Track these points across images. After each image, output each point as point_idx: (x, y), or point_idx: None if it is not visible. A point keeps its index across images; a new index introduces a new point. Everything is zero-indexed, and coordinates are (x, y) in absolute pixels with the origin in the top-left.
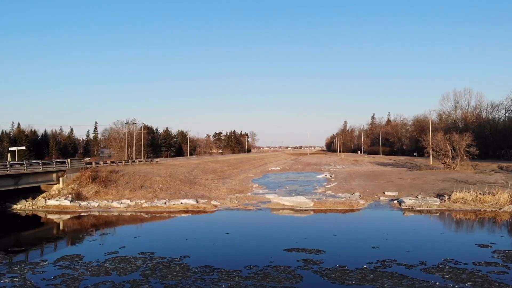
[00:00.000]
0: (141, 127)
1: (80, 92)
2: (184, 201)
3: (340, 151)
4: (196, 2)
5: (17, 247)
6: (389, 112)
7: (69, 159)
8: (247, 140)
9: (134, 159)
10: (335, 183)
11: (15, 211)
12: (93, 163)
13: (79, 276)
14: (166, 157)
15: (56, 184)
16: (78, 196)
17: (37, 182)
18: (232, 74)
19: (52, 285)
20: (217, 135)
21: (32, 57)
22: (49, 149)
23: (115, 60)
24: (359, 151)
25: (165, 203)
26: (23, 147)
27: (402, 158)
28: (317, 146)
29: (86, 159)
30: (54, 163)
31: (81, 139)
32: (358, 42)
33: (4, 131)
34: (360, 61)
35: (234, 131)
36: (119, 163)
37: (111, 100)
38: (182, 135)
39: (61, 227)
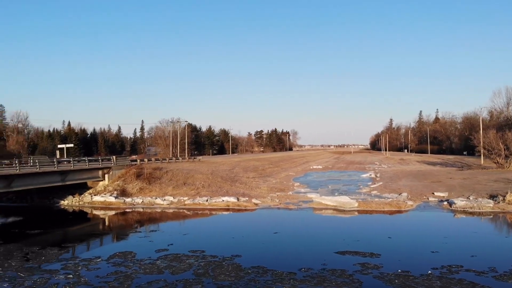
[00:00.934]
0: (185, 125)
1: (128, 92)
2: (225, 198)
3: (385, 150)
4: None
5: (69, 243)
6: (437, 109)
7: (114, 157)
8: (289, 138)
9: (178, 156)
10: (381, 183)
11: (62, 207)
12: (138, 160)
13: (132, 274)
14: (209, 155)
15: (102, 180)
16: (123, 193)
17: (83, 178)
18: (274, 73)
19: (105, 283)
20: (259, 134)
21: (83, 57)
22: (98, 147)
23: (162, 60)
24: (405, 150)
25: (207, 200)
26: (71, 145)
27: (451, 157)
28: (361, 145)
29: (133, 156)
30: (100, 161)
31: (129, 137)
32: (405, 38)
33: (55, 129)
34: (407, 57)
35: (276, 129)
36: (163, 161)
37: (157, 99)
38: (224, 133)
39: (109, 223)
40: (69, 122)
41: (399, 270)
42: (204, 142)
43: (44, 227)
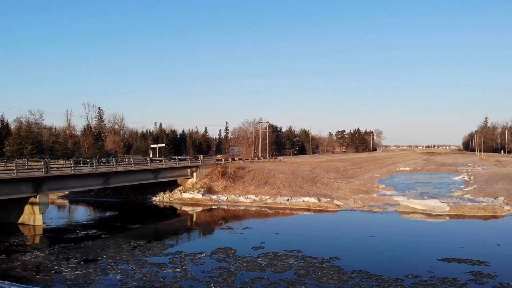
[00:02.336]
0: (266, 126)
1: (212, 97)
2: (306, 199)
3: (479, 151)
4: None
5: (170, 237)
6: None
7: (201, 156)
8: (372, 138)
9: (259, 156)
10: (474, 186)
11: (154, 203)
12: (223, 160)
13: (235, 270)
14: (289, 155)
15: (190, 178)
16: (209, 190)
17: (174, 176)
18: (355, 70)
19: (211, 278)
20: (340, 134)
21: (172, 62)
22: (186, 147)
23: (245, 60)
24: (502, 151)
25: (288, 200)
26: (163, 145)
27: None
28: (453, 145)
29: (218, 156)
30: (188, 160)
31: (214, 138)
32: (502, 30)
33: (148, 130)
34: (503, 50)
35: (358, 129)
36: (245, 160)
37: (240, 100)
38: (305, 133)
39: (200, 219)
40: (160, 124)
41: None
42: (284, 142)
43: (142, 221)
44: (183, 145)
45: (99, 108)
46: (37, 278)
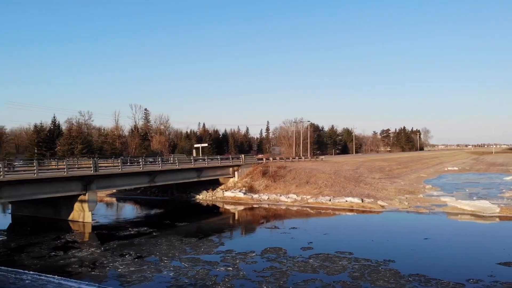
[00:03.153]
0: (307, 125)
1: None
2: (349, 199)
3: None
4: None
5: (219, 235)
6: None
7: (243, 155)
8: (419, 137)
9: (300, 156)
10: None
11: (197, 201)
12: (264, 159)
13: (287, 271)
14: (331, 154)
15: (232, 177)
16: (251, 189)
17: (216, 175)
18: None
19: (263, 277)
20: (385, 132)
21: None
22: (228, 147)
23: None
24: None
25: (330, 200)
26: (206, 144)
27: None
28: (504, 144)
29: (259, 155)
30: (230, 159)
31: (255, 137)
32: None
33: (192, 130)
34: None
35: (404, 127)
36: (286, 160)
37: (281, 100)
38: (347, 132)
39: (243, 217)
40: (203, 124)
41: None
42: (326, 142)
43: (188, 219)
44: (225, 145)
45: (145, 109)
46: (92, 274)
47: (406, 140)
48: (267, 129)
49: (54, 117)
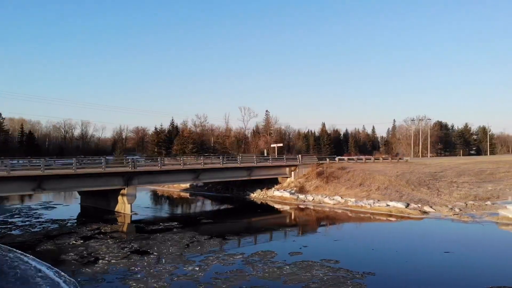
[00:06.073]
0: (428, 123)
1: (380, 95)
2: (392, 203)
3: None
4: None
5: (259, 234)
6: None
7: (299, 156)
8: None
9: (420, 154)
10: None
11: (251, 199)
12: (346, 158)
13: (248, 276)
14: (459, 155)
15: (288, 177)
16: (301, 190)
17: (270, 174)
18: None
19: (218, 280)
20: None
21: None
22: (348, 147)
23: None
24: None
25: (371, 204)
26: (281, 144)
27: None
28: None
29: (345, 155)
30: (284, 159)
31: (380, 137)
32: None
33: (310, 131)
34: None
35: None
36: (358, 160)
37: (408, 97)
38: (483, 131)
39: (294, 217)
40: (323, 124)
41: None
42: (454, 142)
43: (220, 217)
44: (345, 145)
45: (266, 111)
46: (86, 265)
47: None
48: (394, 128)
49: (172, 120)
